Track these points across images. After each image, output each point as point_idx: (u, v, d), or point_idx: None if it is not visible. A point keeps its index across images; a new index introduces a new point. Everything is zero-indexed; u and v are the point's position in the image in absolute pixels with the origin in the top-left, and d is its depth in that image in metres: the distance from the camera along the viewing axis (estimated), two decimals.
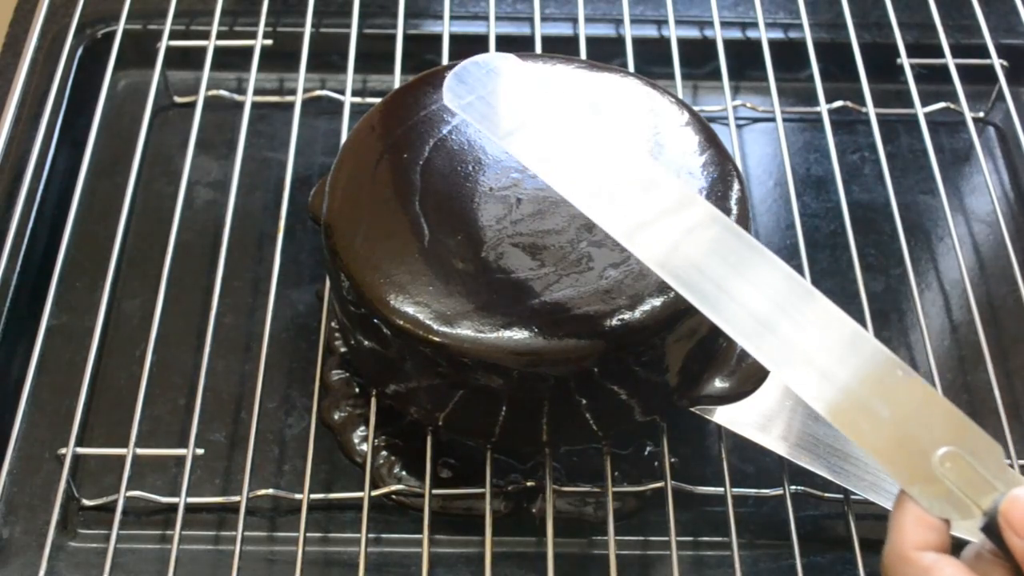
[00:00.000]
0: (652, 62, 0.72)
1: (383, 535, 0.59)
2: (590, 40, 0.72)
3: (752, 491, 0.59)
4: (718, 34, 0.73)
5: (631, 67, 0.71)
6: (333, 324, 0.62)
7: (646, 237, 0.46)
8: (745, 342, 0.44)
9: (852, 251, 0.64)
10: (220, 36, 0.73)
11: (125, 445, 0.57)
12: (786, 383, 0.43)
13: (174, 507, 0.56)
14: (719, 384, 0.55)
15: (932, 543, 0.40)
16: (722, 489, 0.56)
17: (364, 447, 0.60)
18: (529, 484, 0.59)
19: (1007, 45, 0.76)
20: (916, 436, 0.41)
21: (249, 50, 0.72)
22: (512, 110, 0.51)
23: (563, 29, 0.79)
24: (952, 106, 0.73)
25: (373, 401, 0.58)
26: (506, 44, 0.71)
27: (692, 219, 0.46)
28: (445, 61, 0.70)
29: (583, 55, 0.71)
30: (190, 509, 0.57)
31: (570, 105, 0.51)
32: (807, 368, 0.43)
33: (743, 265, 0.45)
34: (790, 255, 0.69)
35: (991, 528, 0.40)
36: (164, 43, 0.72)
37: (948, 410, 0.42)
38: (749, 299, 0.44)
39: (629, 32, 0.73)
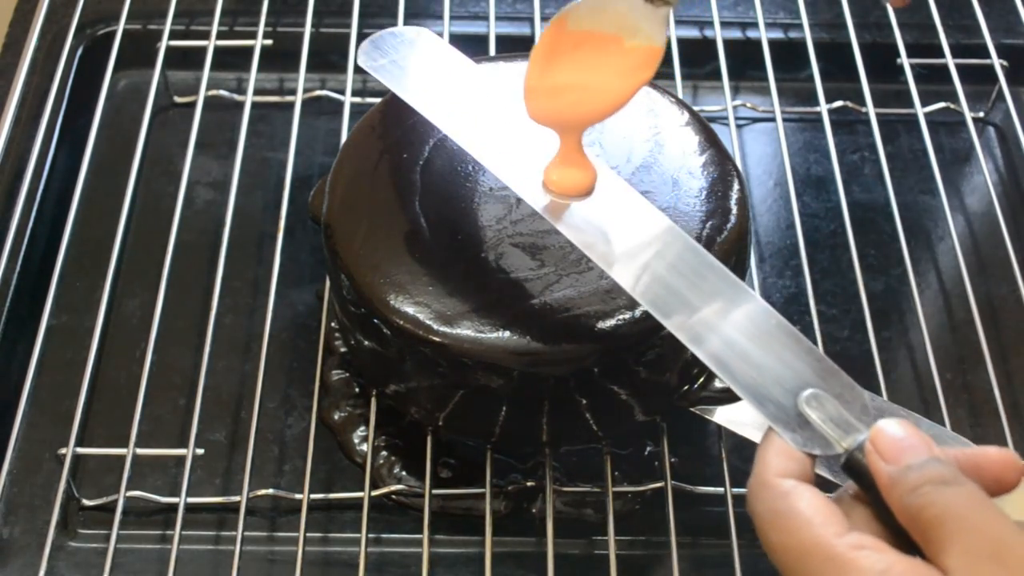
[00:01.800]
0: None
1: (383, 535, 0.59)
2: None
3: None
4: (718, 34, 0.73)
5: None
6: (333, 324, 0.62)
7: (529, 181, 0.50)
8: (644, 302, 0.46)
9: (852, 251, 0.64)
10: (220, 36, 0.73)
11: (125, 445, 0.57)
12: (671, 329, 0.45)
13: (174, 507, 0.56)
14: (719, 384, 0.55)
15: (793, 472, 0.41)
16: (722, 489, 0.56)
17: (364, 447, 0.60)
18: (529, 484, 0.59)
19: (1007, 45, 0.76)
20: (784, 377, 0.43)
21: (249, 50, 0.72)
22: (421, 73, 0.56)
23: None
24: (952, 106, 0.73)
25: (373, 401, 0.58)
26: (506, 44, 0.71)
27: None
28: None
29: None
30: (190, 509, 0.57)
31: (477, 72, 0.55)
32: (691, 318, 0.45)
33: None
34: (790, 255, 0.69)
35: (851, 465, 0.41)
36: (164, 43, 0.72)
37: (818, 357, 0.44)
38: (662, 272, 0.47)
39: None
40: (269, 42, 0.73)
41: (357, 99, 0.72)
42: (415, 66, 0.56)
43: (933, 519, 0.38)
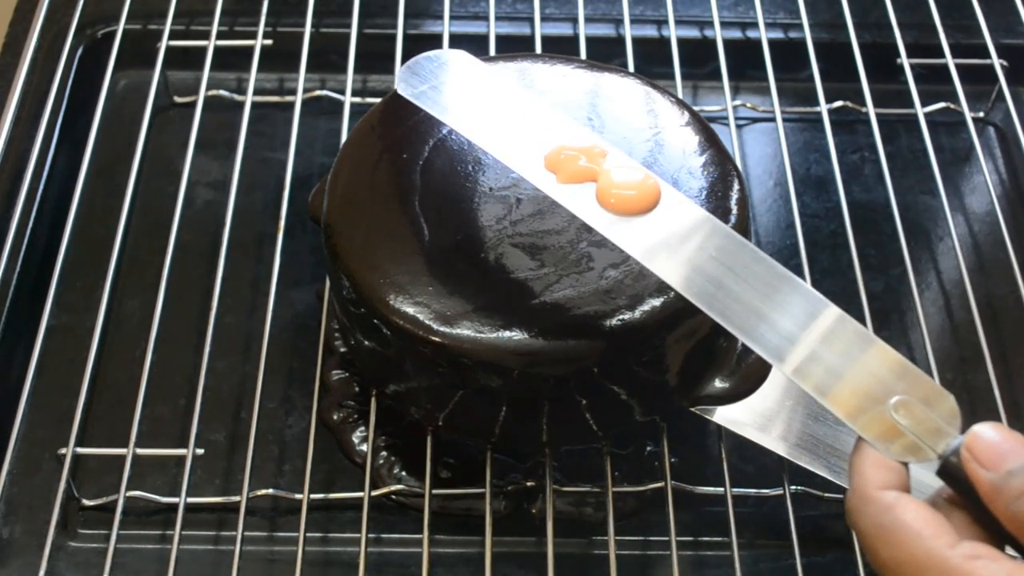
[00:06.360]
0: (652, 62, 0.72)
1: (383, 535, 0.59)
2: (590, 40, 0.72)
3: (752, 491, 0.59)
4: (718, 34, 0.73)
5: (631, 67, 0.71)
6: (333, 324, 0.62)
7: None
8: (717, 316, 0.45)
9: (852, 251, 0.64)
10: (220, 36, 0.73)
11: (125, 445, 0.57)
12: (749, 344, 0.44)
13: (174, 507, 0.56)
14: (719, 384, 0.55)
15: (892, 483, 0.41)
16: (722, 489, 0.56)
17: (364, 447, 0.60)
18: (529, 484, 0.59)
19: (1007, 45, 0.76)
20: (871, 386, 0.43)
21: (249, 50, 0.72)
22: (461, 95, 0.54)
23: (563, 29, 0.79)
24: (952, 106, 0.73)
25: (373, 401, 0.58)
26: (506, 44, 0.71)
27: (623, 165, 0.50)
28: None
29: (583, 55, 0.71)
30: (190, 509, 0.57)
31: (519, 91, 0.53)
32: (770, 331, 0.44)
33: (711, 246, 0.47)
34: (790, 255, 0.69)
35: (947, 470, 0.41)
36: (164, 43, 0.72)
37: (903, 364, 0.43)
38: (736, 288, 0.46)
39: (629, 32, 0.73)
40: (269, 42, 0.73)
41: (357, 99, 0.72)
42: (456, 90, 0.55)
43: None
